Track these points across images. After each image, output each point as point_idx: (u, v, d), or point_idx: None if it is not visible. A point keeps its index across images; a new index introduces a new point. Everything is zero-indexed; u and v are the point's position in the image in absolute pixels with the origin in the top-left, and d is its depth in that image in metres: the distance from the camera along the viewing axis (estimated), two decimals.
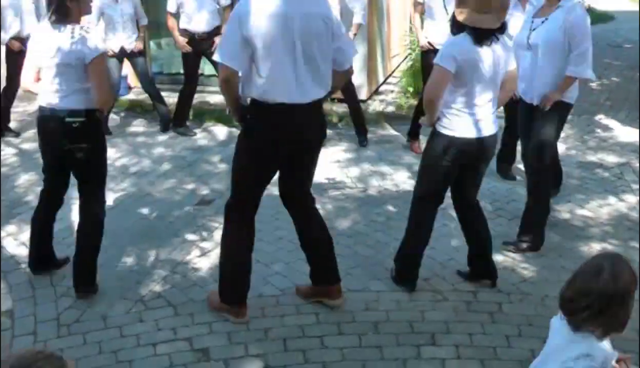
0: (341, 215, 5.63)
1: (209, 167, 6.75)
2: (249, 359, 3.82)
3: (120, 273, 4.74)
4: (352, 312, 4.26)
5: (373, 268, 4.77)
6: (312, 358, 3.82)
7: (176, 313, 4.25)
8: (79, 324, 4.16)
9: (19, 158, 7.21)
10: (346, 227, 5.43)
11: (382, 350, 3.88)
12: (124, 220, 5.59)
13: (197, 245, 4.87)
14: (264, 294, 4.46)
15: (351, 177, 6.54)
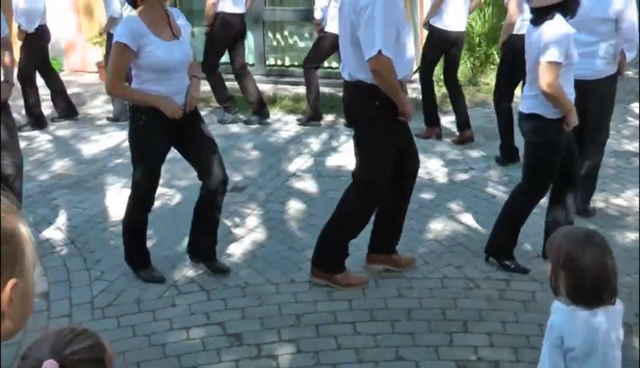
0: None
1: (242, 154, 6.76)
2: (282, 344, 3.83)
3: (154, 258, 4.75)
4: (384, 298, 4.25)
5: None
6: (345, 344, 3.82)
7: (209, 298, 4.28)
8: (113, 307, 4.21)
9: (54, 144, 7.30)
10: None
11: (414, 337, 3.87)
12: (156, 206, 5.62)
13: (229, 232, 4.89)
14: (297, 280, 4.47)
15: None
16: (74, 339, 1.37)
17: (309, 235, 5.07)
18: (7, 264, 1.10)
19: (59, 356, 1.32)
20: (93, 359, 1.38)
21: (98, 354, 1.40)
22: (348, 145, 7.02)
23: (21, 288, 1.12)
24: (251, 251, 4.86)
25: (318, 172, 6.35)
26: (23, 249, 1.13)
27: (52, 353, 1.33)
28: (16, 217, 1.14)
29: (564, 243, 2.33)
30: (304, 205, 5.60)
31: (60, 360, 1.32)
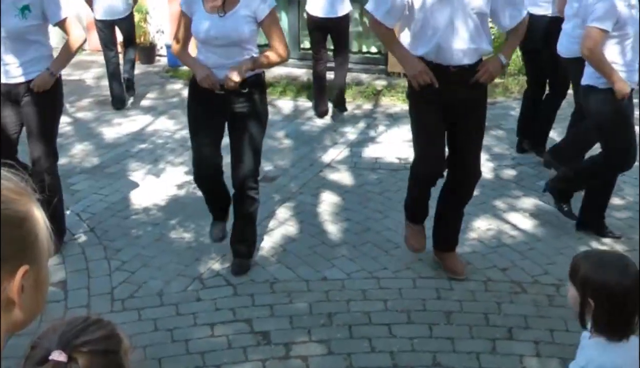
0: None
1: (273, 143, 6.79)
2: (312, 345, 3.85)
3: (178, 249, 4.83)
4: (422, 299, 4.25)
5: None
6: (379, 347, 3.83)
7: (235, 293, 4.32)
8: (133, 300, 4.26)
9: (74, 127, 7.40)
10: None
11: (454, 342, 3.86)
12: (182, 194, 5.69)
13: (258, 224, 4.92)
14: (329, 278, 4.49)
15: None
16: (86, 329, 1.35)
17: (343, 231, 5.08)
18: (18, 250, 1.09)
19: (68, 347, 1.31)
20: (106, 351, 1.35)
21: (112, 346, 1.37)
22: (387, 136, 7.03)
23: (34, 276, 1.11)
24: (281, 245, 4.89)
25: (354, 163, 6.36)
26: (36, 234, 1.11)
27: (61, 343, 1.31)
28: (30, 200, 1.13)
29: (595, 273, 2.21)
30: (338, 198, 5.61)
31: (69, 351, 1.30)
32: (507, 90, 8.31)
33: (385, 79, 8.94)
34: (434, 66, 3.98)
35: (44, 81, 4.44)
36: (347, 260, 4.70)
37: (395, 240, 4.93)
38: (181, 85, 8.87)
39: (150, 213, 5.37)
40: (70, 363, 1.30)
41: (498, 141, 6.81)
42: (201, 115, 4.28)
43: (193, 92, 4.31)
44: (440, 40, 3.92)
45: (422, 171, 4.24)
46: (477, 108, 4.17)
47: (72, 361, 1.30)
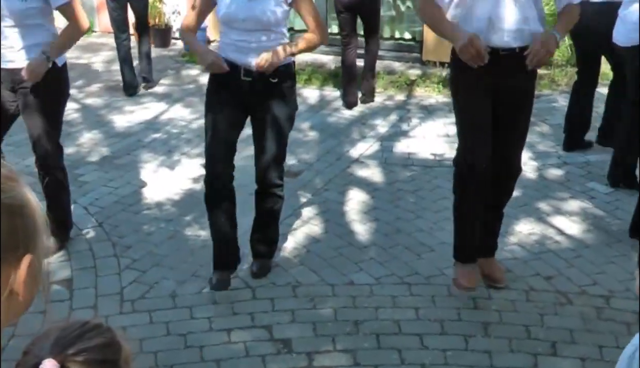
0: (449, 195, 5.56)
1: (298, 135, 6.79)
2: (336, 355, 3.85)
3: (193, 247, 4.85)
4: (457, 309, 4.23)
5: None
6: (409, 359, 3.82)
7: (254, 297, 4.33)
8: (144, 301, 4.28)
9: (82, 114, 7.45)
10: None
11: (491, 356, 3.84)
12: (198, 189, 5.70)
13: (280, 222, 4.92)
14: (356, 282, 4.48)
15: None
16: (82, 335, 1.34)
17: (372, 231, 5.08)
18: (21, 239, 1.12)
19: (61, 355, 1.29)
20: (103, 361, 1.34)
21: (110, 355, 1.36)
22: (420, 129, 7.01)
23: (35, 263, 1.14)
24: (304, 246, 4.89)
25: (384, 158, 6.35)
26: (34, 220, 1.15)
27: (54, 350, 1.30)
28: (23, 185, 1.16)
29: None
30: (366, 196, 5.60)
31: (62, 360, 1.29)
32: (554, 83, 8.25)
33: (420, 67, 8.92)
34: None
35: (36, 66, 4.31)
36: (376, 264, 4.69)
37: (428, 242, 4.91)
38: (198, 71, 8.89)
39: (163, 209, 5.40)
40: None
41: (542, 137, 6.77)
42: (223, 112, 4.22)
43: (214, 80, 4.27)
44: (489, 20, 3.88)
45: (467, 160, 4.15)
46: (526, 98, 4.14)
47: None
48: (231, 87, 4.16)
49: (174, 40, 10.16)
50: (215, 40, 9.00)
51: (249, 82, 4.12)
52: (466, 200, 4.26)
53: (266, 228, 4.55)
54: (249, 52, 4.10)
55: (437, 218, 5.24)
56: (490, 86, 3.99)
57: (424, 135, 6.87)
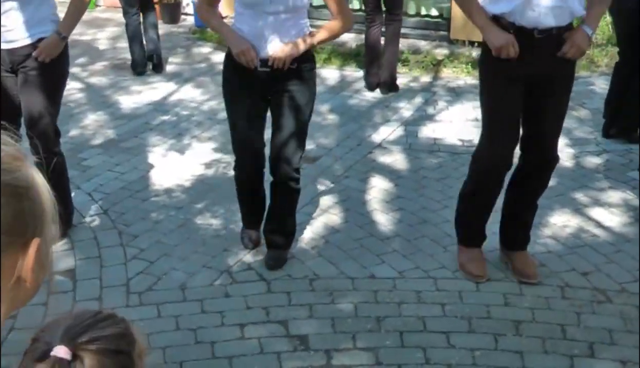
0: None
1: (316, 118, 6.76)
2: (357, 353, 3.85)
3: (204, 237, 4.86)
4: (487, 306, 4.22)
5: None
6: (435, 358, 3.81)
7: (269, 290, 4.33)
8: (152, 293, 4.30)
9: (86, 94, 7.48)
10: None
11: (523, 357, 3.83)
12: (210, 174, 5.72)
13: (297, 211, 4.93)
14: (378, 276, 4.48)
15: None
16: (95, 325, 1.36)
17: (395, 222, 5.07)
18: (28, 222, 1.12)
19: (73, 343, 1.32)
20: (116, 351, 1.36)
21: (123, 346, 1.38)
22: (447, 113, 6.99)
23: (42, 248, 1.15)
24: (323, 236, 4.90)
25: (409, 144, 6.34)
26: (41, 202, 1.15)
27: (66, 338, 1.32)
28: (30, 165, 1.16)
29: None
30: (390, 184, 5.59)
31: (74, 348, 1.31)
32: (593, 64, 8.20)
33: (447, 47, 8.88)
34: (516, 30, 3.93)
35: (52, 46, 4.39)
36: (399, 256, 4.69)
37: (455, 234, 4.89)
38: (210, 48, 8.92)
39: (172, 195, 5.41)
40: (75, 362, 1.31)
41: (580, 123, 6.73)
42: (243, 94, 4.22)
43: (231, 63, 4.25)
44: None
45: (489, 159, 4.19)
46: (563, 83, 4.11)
47: (76, 359, 1.31)
48: (248, 75, 4.15)
49: (184, 15, 10.17)
50: (228, 15, 8.99)
51: (266, 71, 4.13)
52: (483, 195, 4.34)
53: (282, 218, 4.56)
54: (267, 39, 4.08)
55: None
56: (524, 72, 3.97)
57: (451, 120, 6.85)
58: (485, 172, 4.30)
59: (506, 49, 3.92)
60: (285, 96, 4.21)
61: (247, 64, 4.07)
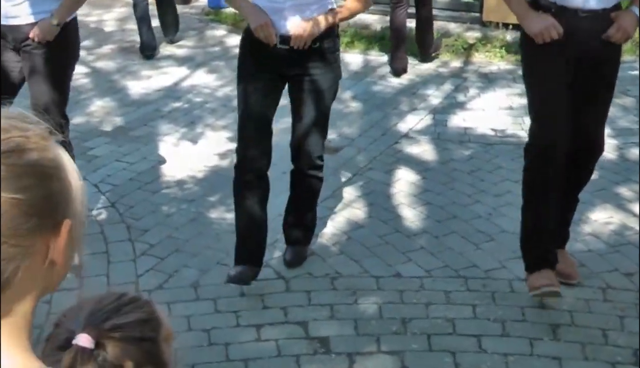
0: (512, 177, 5.52)
1: (338, 106, 6.74)
2: (381, 357, 3.85)
3: (218, 232, 4.88)
4: (522, 308, 4.21)
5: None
6: (464, 363, 3.81)
7: (288, 289, 4.34)
8: (162, 291, 4.31)
9: (92, 79, 7.50)
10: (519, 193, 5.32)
11: (561, 364, 3.82)
12: (224, 165, 5.72)
13: (318, 204, 4.94)
14: (404, 274, 4.48)
15: (527, 129, 6.39)
16: (118, 309, 1.38)
17: (422, 217, 5.07)
18: (59, 204, 1.15)
19: (96, 330, 1.33)
20: (141, 339, 1.37)
21: (149, 332, 1.40)
22: (479, 101, 6.97)
23: (73, 229, 1.18)
24: (345, 232, 4.90)
25: (437, 134, 6.33)
26: (70, 182, 1.18)
27: (88, 325, 1.34)
28: (56, 144, 1.19)
29: None
30: (417, 177, 5.59)
31: (97, 335, 1.33)
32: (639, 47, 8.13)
33: (480, 29, 8.84)
34: (558, 9, 3.90)
35: (45, 31, 4.38)
36: (427, 254, 4.69)
37: (487, 230, 4.88)
38: (224, 31, 8.92)
39: (184, 187, 5.43)
40: (98, 350, 1.33)
41: (624, 112, 6.69)
42: (256, 72, 4.20)
43: (248, 41, 4.24)
44: None
45: (544, 142, 4.09)
46: (609, 66, 4.08)
47: (99, 347, 1.33)
48: (265, 54, 4.14)
49: None
50: None
51: (285, 49, 4.11)
52: (543, 198, 4.15)
53: (302, 211, 4.56)
54: (285, 14, 4.08)
55: (497, 203, 5.22)
56: (568, 54, 3.94)
57: (484, 108, 6.83)
58: (541, 165, 4.15)
59: (547, 33, 3.89)
60: (306, 80, 4.20)
61: (266, 40, 4.07)
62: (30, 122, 1.17)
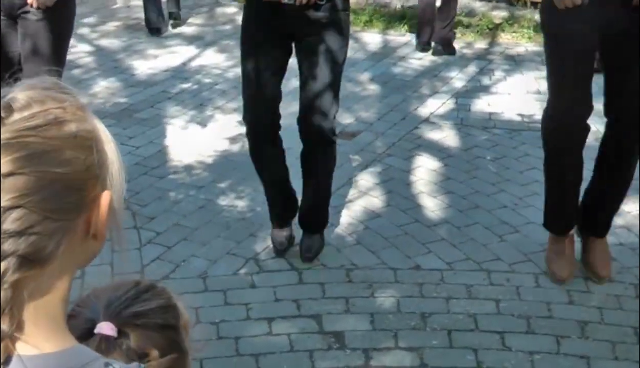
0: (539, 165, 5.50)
1: (355, 88, 6.79)
2: (399, 353, 3.85)
3: (228, 220, 4.89)
4: (548, 303, 4.21)
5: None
6: (487, 361, 3.80)
7: (301, 281, 4.35)
8: (169, 282, 4.31)
9: (96, 58, 7.52)
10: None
11: (589, 363, 3.81)
12: (235, 150, 5.74)
13: (333, 192, 4.95)
14: (423, 267, 4.48)
15: None
16: (138, 297, 1.41)
17: (443, 206, 5.07)
18: (99, 175, 1.16)
19: (118, 318, 1.36)
20: (163, 326, 1.40)
21: (170, 319, 1.43)
22: (505, 84, 6.97)
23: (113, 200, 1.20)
24: (362, 221, 4.90)
25: (460, 119, 6.34)
26: (107, 152, 1.20)
27: (108, 314, 1.37)
28: (92, 116, 1.20)
29: None
30: (438, 164, 5.59)
31: (119, 324, 1.35)
32: None
33: (506, 8, 8.84)
34: None
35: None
36: (448, 246, 4.68)
37: (512, 221, 4.88)
38: (235, 9, 8.92)
39: (193, 173, 5.45)
40: (121, 338, 1.36)
41: None
42: (261, 37, 4.21)
43: (251, 9, 4.28)
44: None
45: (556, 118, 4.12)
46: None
47: (122, 336, 1.36)
48: (270, 13, 4.14)
49: None
50: None
51: (291, 4, 4.08)
52: (558, 166, 4.27)
53: (315, 196, 4.53)
54: None
55: (523, 193, 5.21)
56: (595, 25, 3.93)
57: (510, 92, 6.82)
58: (554, 135, 4.22)
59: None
60: (313, 39, 4.18)
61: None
62: (66, 92, 1.17)
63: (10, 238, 1.05)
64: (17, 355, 1.07)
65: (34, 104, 1.12)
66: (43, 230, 1.08)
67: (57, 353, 1.10)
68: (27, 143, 1.08)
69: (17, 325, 1.06)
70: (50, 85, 1.17)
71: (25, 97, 1.12)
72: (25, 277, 1.07)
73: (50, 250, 1.09)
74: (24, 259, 1.06)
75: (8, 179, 1.06)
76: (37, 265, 1.08)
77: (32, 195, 1.07)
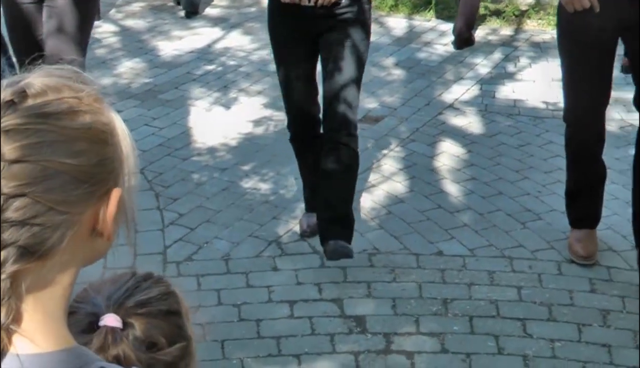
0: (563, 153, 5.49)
1: (379, 73, 6.78)
2: (420, 338, 3.87)
3: (251, 202, 4.91)
4: (570, 291, 4.20)
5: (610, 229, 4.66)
6: (509, 348, 3.82)
7: (323, 265, 4.36)
8: (192, 263, 4.36)
9: (120, 38, 7.54)
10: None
11: (611, 351, 3.81)
12: (259, 133, 5.75)
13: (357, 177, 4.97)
14: (446, 253, 4.49)
15: None
16: (138, 286, 1.42)
17: (466, 193, 5.07)
18: (111, 171, 1.14)
19: (121, 309, 1.36)
20: (167, 312, 1.41)
21: (173, 306, 1.43)
22: (530, 71, 6.93)
23: (124, 199, 1.17)
24: (385, 206, 4.91)
25: (484, 105, 6.30)
26: (122, 148, 1.17)
27: (111, 305, 1.36)
28: (109, 108, 1.18)
29: None
30: (461, 150, 5.58)
31: (123, 315, 1.35)
32: None
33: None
34: None
35: None
36: (471, 232, 4.69)
37: (536, 209, 4.87)
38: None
39: (216, 155, 5.46)
40: (126, 329, 1.35)
41: None
42: (292, 41, 4.25)
43: (274, 8, 4.28)
44: None
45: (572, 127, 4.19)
46: None
47: (127, 327, 1.36)
48: (293, 14, 4.16)
49: None
50: None
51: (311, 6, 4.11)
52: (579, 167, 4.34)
53: (338, 186, 4.37)
54: None
55: (547, 180, 5.20)
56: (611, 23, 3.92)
57: (535, 79, 6.78)
58: (572, 138, 4.32)
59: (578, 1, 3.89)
60: (338, 34, 4.19)
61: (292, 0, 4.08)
62: (84, 82, 1.15)
63: (12, 227, 1.03)
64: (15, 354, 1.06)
65: (49, 91, 1.10)
66: (46, 221, 1.05)
67: (55, 353, 1.09)
68: (37, 130, 1.06)
69: (13, 317, 1.05)
70: (69, 74, 1.15)
71: (41, 84, 1.10)
72: (25, 268, 1.05)
73: (53, 243, 1.07)
74: (24, 250, 1.04)
75: (13, 166, 1.03)
76: (38, 257, 1.06)
77: (37, 185, 1.04)
